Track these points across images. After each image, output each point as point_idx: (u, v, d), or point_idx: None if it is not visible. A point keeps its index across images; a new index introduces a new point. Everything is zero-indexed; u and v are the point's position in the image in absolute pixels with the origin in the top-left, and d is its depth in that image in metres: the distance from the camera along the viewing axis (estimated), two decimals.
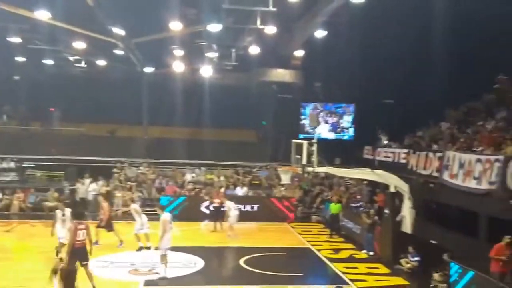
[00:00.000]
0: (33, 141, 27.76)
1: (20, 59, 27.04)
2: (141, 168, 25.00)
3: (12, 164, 24.51)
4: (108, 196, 20.16)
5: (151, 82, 28.97)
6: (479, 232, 13.79)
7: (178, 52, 23.70)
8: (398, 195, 15.80)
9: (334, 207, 18.89)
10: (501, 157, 13.09)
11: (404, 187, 15.82)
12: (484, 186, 13.34)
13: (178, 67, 25.27)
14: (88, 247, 10.74)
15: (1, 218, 19.46)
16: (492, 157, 13.43)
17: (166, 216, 12.29)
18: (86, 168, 24.06)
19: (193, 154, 26.07)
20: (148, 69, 28.53)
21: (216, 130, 27.99)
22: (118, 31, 19.66)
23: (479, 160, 13.85)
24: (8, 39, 21.48)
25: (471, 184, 13.98)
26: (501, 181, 12.56)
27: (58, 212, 13.59)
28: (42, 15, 17.64)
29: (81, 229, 10.61)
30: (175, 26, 18.48)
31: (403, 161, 19.06)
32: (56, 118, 30.12)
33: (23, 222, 18.55)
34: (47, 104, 29.24)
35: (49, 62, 27.36)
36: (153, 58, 26.89)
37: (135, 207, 15.52)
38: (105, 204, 15.87)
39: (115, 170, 24.28)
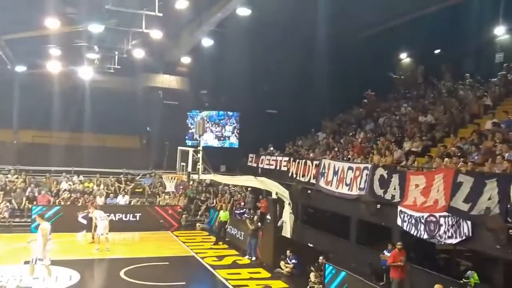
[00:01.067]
0: None
1: None
2: (9, 175, 22.79)
3: None
4: None
5: (24, 82, 26.54)
6: (350, 234, 14.99)
7: (56, 52, 22.11)
8: (279, 201, 16.52)
9: (223, 215, 19.02)
10: (369, 165, 14.42)
11: (285, 193, 16.59)
12: (355, 192, 14.57)
13: (55, 67, 23.55)
14: None
15: None
16: (362, 165, 14.74)
17: (45, 225, 11.83)
18: None
19: (71, 161, 24.44)
20: (21, 69, 26.15)
21: (97, 136, 26.59)
22: None
23: (350, 168, 15.09)
24: None
25: (344, 190, 15.17)
26: (369, 187, 13.84)
27: None
28: None
29: None
30: (52, 24, 17.22)
31: (284, 168, 20.01)
32: None
33: None
34: None
35: None
36: (27, 57, 24.70)
37: None
38: None
39: None
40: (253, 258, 16.16)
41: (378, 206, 13.39)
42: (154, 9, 14.79)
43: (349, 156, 17.23)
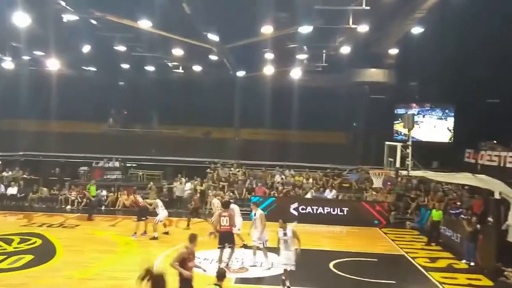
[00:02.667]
0: (135, 142, 29.88)
1: (124, 66, 29.23)
2: (232, 169, 25.69)
3: (117, 164, 26.56)
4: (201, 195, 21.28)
5: (243, 85, 29.73)
6: None
7: (269, 55, 24.03)
8: (504, 202, 14.58)
9: (435, 214, 17.79)
10: None
11: (510, 193, 14.55)
12: None
13: (268, 70, 25.63)
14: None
15: (107, 213, 21.21)
16: None
17: (262, 211, 13.62)
18: (182, 168, 25.34)
19: (281, 156, 26.27)
20: (240, 73, 29.27)
21: (305, 132, 27.98)
22: (213, 37, 20.42)
23: None
24: (114, 47, 23.25)
25: None
26: None
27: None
28: (145, 24, 18.88)
29: (224, 216, 12.57)
30: (267, 29, 18.77)
31: (510, 165, 17.60)
32: (156, 121, 32.11)
33: (126, 218, 20.00)
34: (148, 107, 31.22)
35: (150, 68, 29.32)
36: (244, 62, 27.54)
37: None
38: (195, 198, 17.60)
39: (208, 170, 25.25)
40: (472, 263, 14.66)
41: None
42: (361, 3, 14.70)
43: None
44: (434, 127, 27.11)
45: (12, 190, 23.53)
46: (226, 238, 12.73)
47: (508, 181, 15.48)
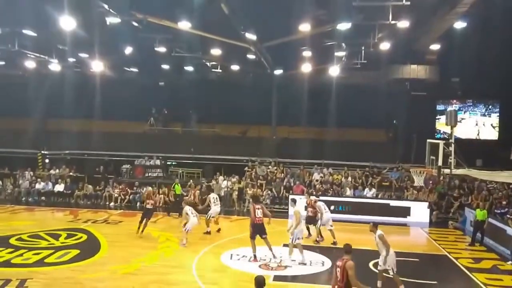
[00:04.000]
0: (175, 140, 30.47)
1: (164, 66, 29.85)
2: (270, 167, 25.74)
3: (158, 162, 27.16)
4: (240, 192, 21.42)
5: (280, 83, 29.74)
6: None
7: (306, 53, 23.94)
8: None
9: (479, 214, 17.22)
10: None
11: None
12: None
13: (306, 68, 25.53)
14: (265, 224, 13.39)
15: None
16: None
17: (297, 209, 13.77)
18: (220, 166, 25.62)
19: (320, 154, 26.11)
20: (278, 71, 29.29)
21: (343, 130, 27.70)
22: (251, 36, 20.53)
23: None
24: (155, 49, 23.79)
25: None
26: None
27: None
28: (184, 25, 19.21)
29: (258, 209, 13.22)
30: (304, 27, 18.70)
31: None
32: (195, 120, 32.62)
33: (167, 215, 20.45)
34: (187, 107, 31.72)
35: (189, 68, 29.81)
36: (282, 60, 27.53)
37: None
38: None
39: (246, 168, 25.41)
40: None
41: None
42: None
43: None
44: (477, 124, 26.23)
45: (59, 187, 24.50)
46: (259, 230, 13.26)
47: None
